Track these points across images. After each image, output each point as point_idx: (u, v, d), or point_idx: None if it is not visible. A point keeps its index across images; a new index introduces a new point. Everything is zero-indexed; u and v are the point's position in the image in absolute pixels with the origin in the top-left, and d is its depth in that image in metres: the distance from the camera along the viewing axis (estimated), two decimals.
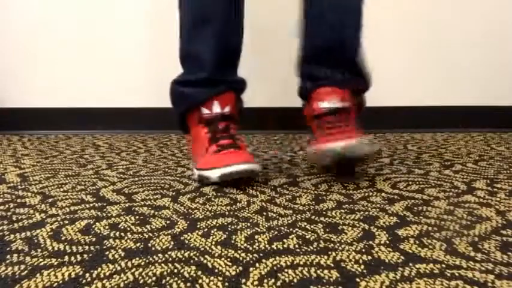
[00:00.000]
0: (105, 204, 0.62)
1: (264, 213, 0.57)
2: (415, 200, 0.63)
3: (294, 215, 0.56)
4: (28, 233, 0.49)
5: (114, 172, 0.86)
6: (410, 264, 0.40)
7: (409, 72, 1.62)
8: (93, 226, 0.52)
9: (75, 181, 0.77)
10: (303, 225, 0.52)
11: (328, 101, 0.82)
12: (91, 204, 0.62)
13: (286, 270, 0.39)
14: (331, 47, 0.83)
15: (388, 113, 1.60)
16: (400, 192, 0.68)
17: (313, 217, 0.55)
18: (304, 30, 0.87)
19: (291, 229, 0.51)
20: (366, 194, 0.67)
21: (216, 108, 0.83)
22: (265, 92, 1.53)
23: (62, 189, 0.71)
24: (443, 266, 0.40)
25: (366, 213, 0.57)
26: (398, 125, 1.60)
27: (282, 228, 0.51)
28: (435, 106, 1.62)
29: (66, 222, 0.54)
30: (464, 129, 1.58)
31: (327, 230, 0.50)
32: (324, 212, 0.57)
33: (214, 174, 0.73)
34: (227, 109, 0.83)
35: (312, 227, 0.51)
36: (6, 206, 0.61)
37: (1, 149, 1.19)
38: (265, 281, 0.37)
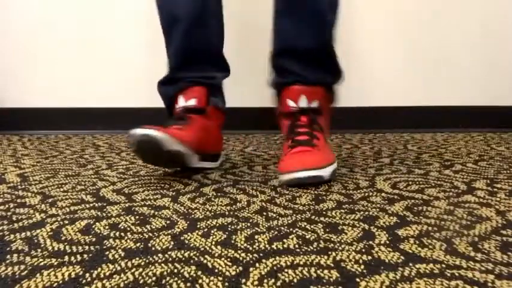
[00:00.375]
0: (105, 204, 0.62)
1: (264, 213, 0.57)
2: (415, 200, 0.63)
3: (294, 215, 0.56)
4: (28, 233, 0.49)
5: (114, 172, 0.86)
6: (410, 264, 0.40)
7: (409, 73, 1.62)
8: (93, 226, 0.52)
9: (75, 181, 0.77)
10: (303, 225, 0.52)
11: (299, 101, 0.82)
12: (91, 204, 0.62)
13: (286, 270, 0.39)
14: (296, 41, 0.83)
15: (388, 113, 1.60)
16: (400, 192, 0.68)
17: (313, 217, 0.55)
18: (273, 25, 0.88)
19: (291, 229, 0.51)
20: (366, 194, 0.67)
21: (181, 102, 0.87)
22: (265, 91, 1.53)
23: (62, 189, 0.71)
24: (443, 266, 0.40)
25: (366, 213, 0.57)
26: (398, 125, 1.60)
27: (282, 228, 0.51)
28: (435, 106, 1.62)
29: (66, 222, 0.54)
30: (464, 129, 1.58)
31: (327, 230, 0.50)
32: (324, 212, 0.57)
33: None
34: (192, 102, 0.86)
35: (312, 227, 0.51)
36: (6, 206, 0.61)
37: (1, 149, 1.19)
38: (265, 281, 0.37)
